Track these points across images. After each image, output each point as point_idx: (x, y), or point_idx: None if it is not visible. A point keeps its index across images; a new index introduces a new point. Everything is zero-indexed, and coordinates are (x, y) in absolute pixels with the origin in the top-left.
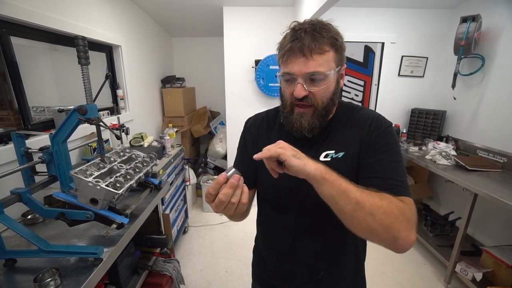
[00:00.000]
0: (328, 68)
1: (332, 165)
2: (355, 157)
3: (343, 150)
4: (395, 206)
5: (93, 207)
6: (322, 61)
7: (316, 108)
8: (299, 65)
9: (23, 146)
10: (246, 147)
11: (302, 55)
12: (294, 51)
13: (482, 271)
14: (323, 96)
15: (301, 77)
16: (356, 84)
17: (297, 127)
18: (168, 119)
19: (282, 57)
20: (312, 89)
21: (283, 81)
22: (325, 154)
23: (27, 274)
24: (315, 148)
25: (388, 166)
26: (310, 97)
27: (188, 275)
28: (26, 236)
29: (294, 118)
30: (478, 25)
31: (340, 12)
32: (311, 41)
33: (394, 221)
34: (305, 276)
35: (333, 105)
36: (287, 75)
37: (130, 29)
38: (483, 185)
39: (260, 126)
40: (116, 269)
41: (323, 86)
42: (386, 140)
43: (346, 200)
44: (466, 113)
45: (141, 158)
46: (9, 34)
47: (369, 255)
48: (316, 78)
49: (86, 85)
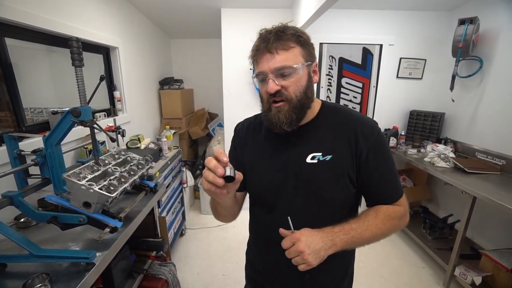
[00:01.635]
0: (295, 62)
1: (318, 167)
2: (345, 162)
3: (331, 153)
4: (395, 218)
5: (86, 210)
6: (289, 56)
7: (290, 102)
8: (268, 62)
9: (16, 149)
10: (235, 150)
11: (269, 52)
12: (261, 50)
13: (482, 275)
14: (296, 90)
15: (270, 73)
16: (354, 86)
17: (276, 122)
18: (166, 121)
19: (253, 59)
20: (283, 83)
21: (259, 82)
22: (312, 156)
23: (17, 279)
24: (300, 148)
25: (389, 177)
26: (282, 92)
27: (184, 278)
28: (17, 240)
29: (272, 114)
30: (476, 27)
31: (338, 14)
32: (275, 39)
33: (398, 227)
34: (292, 277)
35: (307, 99)
36: (259, 74)
37: (128, 31)
38: (482, 188)
39: (247, 130)
40: (110, 273)
41: (292, 79)
42: (381, 147)
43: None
44: (465, 115)
45: (136, 161)
46: (3, 35)
47: (367, 258)
48: (285, 72)
49: (80, 87)
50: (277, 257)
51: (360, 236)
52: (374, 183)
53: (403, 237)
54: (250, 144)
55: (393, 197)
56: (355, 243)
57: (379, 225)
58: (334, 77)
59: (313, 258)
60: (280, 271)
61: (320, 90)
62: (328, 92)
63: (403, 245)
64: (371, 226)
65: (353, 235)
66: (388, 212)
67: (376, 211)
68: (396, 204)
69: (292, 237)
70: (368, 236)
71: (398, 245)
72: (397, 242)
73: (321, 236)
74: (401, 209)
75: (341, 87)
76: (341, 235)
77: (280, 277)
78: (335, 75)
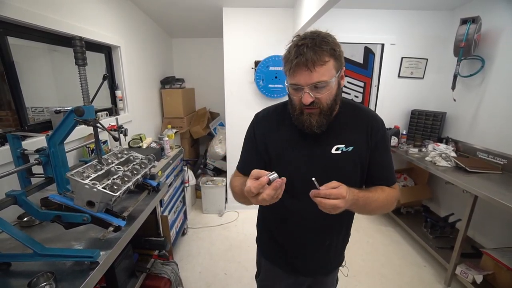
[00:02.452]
0: (330, 76)
1: (342, 157)
2: (362, 152)
3: (352, 145)
4: (393, 197)
5: (90, 209)
6: (324, 71)
7: (322, 110)
8: (305, 77)
9: (19, 148)
10: (255, 138)
11: (307, 69)
12: (299, 65)
13: (483, 273)
14: (327, 99)
15: (307, 87)
16: (356, 86)
17: (308, 125)
18: (168, 120)
19: (288, 70)
20: (317, 95)
21: (292, 89)
22: (336, 148)
23: (21, 278)
24: (325, 143)
25: (389, 165)
26: (316, 102)
27: (187, 277)
28: (21, 239)
29: (304, 118)
30: (478, 26)
31: (340, 14)
32: (313, 55)
33: (393, 204)
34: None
35: (336, 104)
36: (295, 85)
37: (130, 30)
38: (483, 187)
39: (270, 121)
40: (113, 272)
41: (326, 92)
42: (386, 140)
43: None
44: (466, 114)
45: (139, 160)
46: (6, 34)
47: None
48: (320, 86)
49: (83, 86)
50: (303, 233)
51: (370, 204)
52: (378, 169)
53: (404, 236)
54: (274, 133)
55: (390, 182)
56: (365, 208)
57: (383, 199)
58: None
59: (344, 204)
60: (305, 244)
61: None
62: None
63: (404, 244)
64: (380, 199)
65: (366, 201)
66: (390, 192)
67: (383, 189)
68: (392, 187)
69: (335, 184)
70: (374, 206)
71: (399, 244)
72: (398, 241)
73: (351, 191)
74: (397, 193)
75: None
76: (361, 198)
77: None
78: None
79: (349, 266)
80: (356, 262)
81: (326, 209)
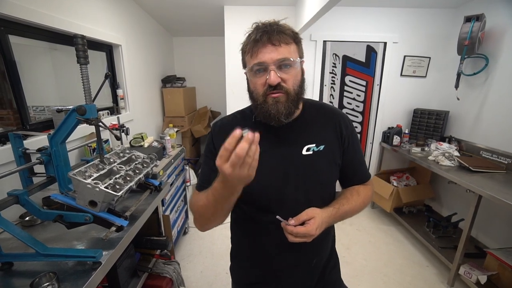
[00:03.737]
0: (295, 56)
1: (314, 157)
2: (335, 150)
3: (323, 143)
4: (369, 197)
5: (92, 209)
6: (290, 50)
7: (288, 94)
8: (270, 53)
9: (21, 147)
10: (215, 151)
11: (272, 44)
12: (263, 41)
13: (487, 274)
14: (294, 83)
15: (273, 64)
16: (358, 84)
17: (275, 113)
18: (169, 119)
19: (250, 50)
20: (283, 75)
21: (253, 73)
22: (307, 148)
23: (24, 278)
24: (294, 142)
25: (362, 161)
26: (282, 85)
27: (188, 276)
28: (23, 239)
29: (269, 105)
30: (482, 24)
31: (342, 12)
32: (277, 32)
33: (368, 202)
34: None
35: (301, 93)
36: (259, 65)
37: (131, 28)
38: (487, 187)
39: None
40: (115, 272)
41: (292, 72)
42: (355, 136)
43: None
44: (470, 113)
45: (141, 159)
46: (7, 32)
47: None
48: (286, 64)
49: (85, 84)
50: (279, 254)
51: (346, 213)
52: (353, 167)
53: (406, 236)
54: None
55: (366, 177)
56: (342, 218)
57: (360, 203)
58: (337, 75)
59: (315, 234)
60: (288, 266)
61: (323, 88)
62: (332, 90)
63: (407, 243)
64: (356, 207)
65: (343, 216)
66: (366, 193)
67: (358, 193)
68: (366, 184)
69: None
70: (350, 215)
71: (401, 244)
72: (401, 240)
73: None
74: (372, 190)
75: (344, 85)
76: (338, 217)
77: (288, 272)
78: (338, 73)
79: (351, 265)
80: (358, 261)
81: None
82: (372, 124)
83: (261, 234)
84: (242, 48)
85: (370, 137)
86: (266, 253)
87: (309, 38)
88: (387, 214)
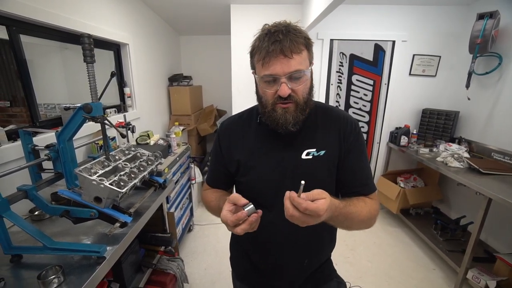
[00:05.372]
0: (306, 66)
1: (313, 163)
2: (335, 156)
3: (324, 149)
4: (376, 211)
5: (97, 205)
6: (301, 60)
7: (298, 104)
8: (282, 66)
9: (30, 143)
10: (221, 150)
11: (284, 56)
12: (275, 52)
13: (496, 279)
14: (304, 92)
15: (284, 77)
16: (365, 84)
17: (283, 123)
18: (175, 118)
19: (262, 59)
20: (294, 86)
21: (263, 82)
22: (307, 152)
23: (32, 270)
24: (294, 147)
25: (366, 171)
26: (292, 95)
27: (192, 273)
28: (31, 233)
29: (278, 114)
30: (496, 22)
31: (349, 10)
32: (290, 41)
33: (375, 220)
34: (293, 265)
35: (310, 99)
36: (270, 76)
37: (138, 27)
38: (498, 190)
39: (235, 129)
40: (120, 267)
41: (303, 83)
42: (361, 143)
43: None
44: (481, 114)
45: (146, 157)
46: (18, 32)
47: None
48: (297, 76)
49: (91, 83)
50: (277, 251)
51: (350, 215)
52: (354, 175)
53: (413, 238)
54: (240, 141)
55: (369, 190)
56: (343, 223)
57: (366, 212)
58: (344, 74)
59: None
60: (281, 264)
61: (330, 87)
62: (338, 89)
63: (413, 246)
64: (362, 214)
65: (347, 217)
66: (373, 205)
67: (365, 201)
68: (371, 197)
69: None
70: (355, 221)
71: (408, 246)
72: (407, 242)
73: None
74: (378, 205)
75: (351, 85)
76: (342, 214)
77: (282, 268)
78: (345, 72)
79: (355, 266)
80: (362, 263)
81: (293, 220)
82: (379, 124)
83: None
84: (250, 51)
85: (377, 137)
86: (264, 247)
87: (316, 37)
88: (393, 215)
